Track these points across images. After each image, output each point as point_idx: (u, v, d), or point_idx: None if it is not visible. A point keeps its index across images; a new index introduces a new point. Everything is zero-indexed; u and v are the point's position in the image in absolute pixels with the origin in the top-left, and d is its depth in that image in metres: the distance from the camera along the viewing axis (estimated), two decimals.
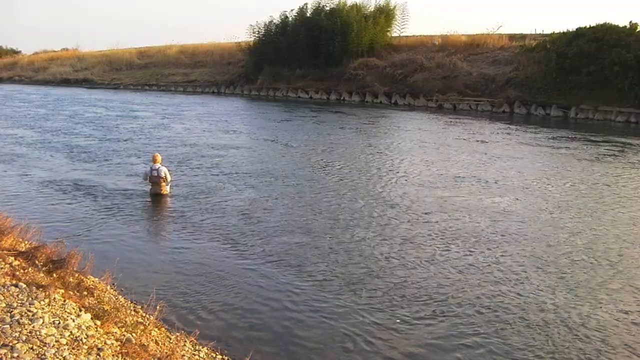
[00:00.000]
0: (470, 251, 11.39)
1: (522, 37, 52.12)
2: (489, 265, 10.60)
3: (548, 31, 50.53)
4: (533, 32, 53.62)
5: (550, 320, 8.29)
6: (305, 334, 7.75)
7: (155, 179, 15.17)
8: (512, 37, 52.96)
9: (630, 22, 41.58)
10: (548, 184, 17.99)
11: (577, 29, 43.44)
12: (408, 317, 8.32)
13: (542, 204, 15.41)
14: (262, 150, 24.19)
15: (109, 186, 16.35)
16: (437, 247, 11.50)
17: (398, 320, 8.20)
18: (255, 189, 16.46)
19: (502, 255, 11.10)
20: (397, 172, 19.49)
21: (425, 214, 14.02)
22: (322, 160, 21.64)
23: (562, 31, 45.68)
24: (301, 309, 8.51)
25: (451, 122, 36.60)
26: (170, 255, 10.82)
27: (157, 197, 15.16)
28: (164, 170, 15.22)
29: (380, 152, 23.80)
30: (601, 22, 42.66)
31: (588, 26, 42.94)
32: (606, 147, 25.91)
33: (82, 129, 30.17)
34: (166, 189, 15.34)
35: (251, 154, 22.83)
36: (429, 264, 10.52)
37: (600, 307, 8.83)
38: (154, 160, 15.34)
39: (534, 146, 26.19)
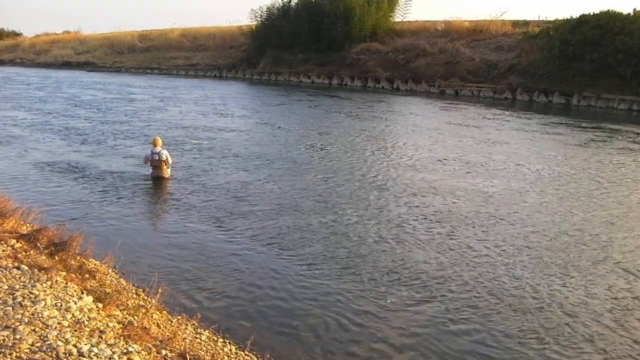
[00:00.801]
0: (457, 232, 11.51)
1: (526, 23, 51.96)
2: (475, 246, 10.72)
3: (551, 18, 50.41)
4: (536, 19, 53.51)
5: (539, 302, 8.33)
6: (306, 318, 7.76)
7: (156, 163, 15.16)
8: (515, 23, 52.79)
9: (634, 9, 41.62)
10: (538, 168, 18.25)
11: (580, 16, 43.34)
12: (406, 298, 8.34)
13: (527, 187, 15.63)
14: (259, 133, 24.20)
15: (110, 169, 16.34)
16: (429, 230, 11.53)
17: (393, 302, 8.22)
18: (255, 172, 16.44)
19: (488, 237, 11.19)
20: (389, 156, 19.71)
21: (413, 196, 14.12)
22: (318, 144, 21.64)
23: (565, 18, 45.54)
24: (302, 292, 8.51)
25: (451, 107, 36.67)
26: (171, 239, 10.83)
27: (158, 180, 15.15)
28: (165, 154, 15.21)
29: (374, 137, 23.81)
30: (605, 9, 42.56)
31: (591, 13, 42.85)
32: (605, 134, 26.14)
33: (81, 112, 30.18)
34: (167, 172, 15.34)
35: (249, 137, 22.80)
36: (425, 245, 10.54)
37: (590, 288, 8.89)
38: (155, 144, 15.32)
39: (529, 132, 26.37)
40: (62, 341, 5.20)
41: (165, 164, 15.26)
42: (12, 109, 30.94)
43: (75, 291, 6.66)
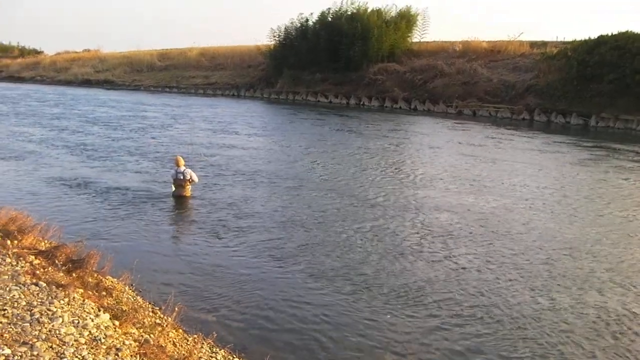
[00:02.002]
0: (457, 247, 11.75)
1: (544, 44, 51.88)
2: (471, 261, 10.83)
3: (569, 39, 50.27)
4: (554, 40, 53.37)
5: (528, 314, 8.29)
6: (323, 339, 7.75)
7: (180, 182, 15.27)
8: (533, 44, 52.73)
9: None
10: (541, 187, 18.39)
11: (598, 37, 43.18)
12: (421, 321, 8.32)
13: (529, 205, 15.85)
14: (278, 154, 24.23)
15: (128, 186, 16.44)
16: (436, 248, 11.64)
17: (409, 323, 8.19)
18: (274, 192, 16.47)
19: (487, 253, 11.15)
20: (396, 175, 19.87)
21: (419, 214, 14.20)
22: (329, 163, 21.76)
23: (583, 39, 45.38)
24: (320, 313, 8.50)
25: (466, 128, 36.64)
26: (189, 257, 10.85)
27: (179, 199, 15.23)
28: (189, 172, 15.31)
29: (387, 156, 23.91)
30: (623, 30, 42.43)
31: (610, 34, 42.66)
32: (621, 155, 25.85)
33: (96, 129, 30.54)
34: (189, 191, 15.42)
35: (268, 157, 22.87)
36: (433, 263, 10.52)
37: (585, 302, 8.90)
38: (177, 164, 15.42)
39: (545, 152, 26.25)
40: (79, 358, 5.23)
41: (189, 184, 15.34)
42: (29, 125, 31.44)
43: (93, 308, 6.69)
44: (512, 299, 9.30)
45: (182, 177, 15.21)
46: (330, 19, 60.66)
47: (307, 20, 62.52)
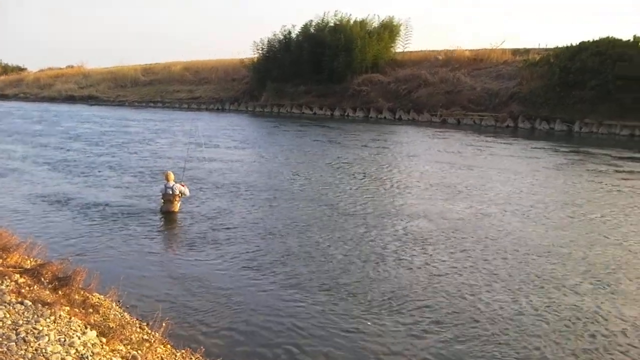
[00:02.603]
0: (433, 254, 11.79)
1: (526, 51, 52.32)
2: (443, 264, 10.75)
3: (552, 45, 50.71)
4: (536, 47, 53.86)
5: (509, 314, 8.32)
6: (311, 351, 7.74)
7: (169, 197, 15.18)
8: (515, 51, 53.19)
9: (635, 35, 41.62)
10: (516, 192, 18.83)
11: (580, 43, 43.60)
12: (413, 329, 8.33)
13: (502, 210, 16.05)
14: (259, 166, 24.29)
15: (113, 202, 16.37)
16: (413, 254, 11.68)
17: (397, 329, 8.20)
18: (257, 205, 16.47)
19: (463, 257, 11.20)
20: (376, 184, 20.16)
21: (402, 221, 14.18)
22: (314, 175, 21.78)
23: (565, 45, 45.79)
24: (307, 326, 8.49)
25: (448, 136, 36.90)
26: (176, 273, 10.82)
27: (167, 214, 15.14)
28: (177, 187, 15.26)
29: (363, 165, 24.13)
30: (604, 36, 42.81)
31: (591, 40, 43.03)
32: (596, 159, 26.14)
33: (78, 145, 30.52)
34: (177, 207, 15.34)
35: (249, 170, 22.93)
36: (411, 271, 10.55)
37: (561, 303, 8.94)
38: (167, 178, 15.33)
39: (520, 158, 26.60)
40: None
41: (177, 199, 15.29)
42: (11, 142, 31.37)
43: (79, 326, 6.66)
44: (493, 302, 9.40)
45: (170, 192, 15.13)
46: (313, 30, 60.85)
47: (289, 32, 62.84)
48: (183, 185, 15.59)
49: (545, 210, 16.26)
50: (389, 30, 59.47)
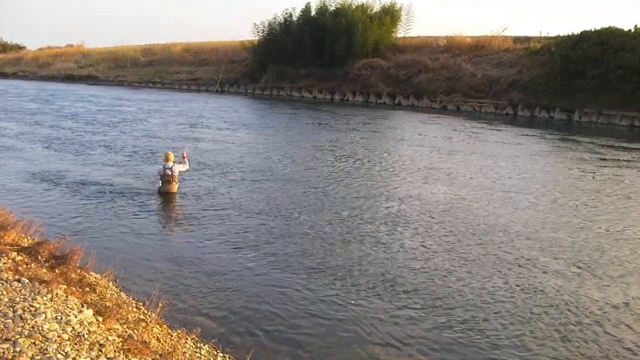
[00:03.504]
0: (429, 237, 11.62)
1: (527, 39, 52.16)
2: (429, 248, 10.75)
3: (553, 34, 50.57)
4: (538, 35, 53.69)
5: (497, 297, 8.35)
6: (306, 332, 7.76)
7: (168, 177, 15.16)
8: (516, 39, 53.02)
9: (636, 26, 41.51)
10: (499, 177, 19.07)
11: (581, 32, 43.48)
12: (420, 312, 8.35)
13: (486, 195, 16.07)
14: (254, 148, 24.27)
15: (112, 182, 16.35)
16: (397, 236, 11.65)
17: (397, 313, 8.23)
18: (255, 188, 16.48)
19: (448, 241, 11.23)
20: (362, 167, 20.37)
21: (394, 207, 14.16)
22: (309, 158, 21.83)
23: (567, 34, 45.67)
24: (302, 307, 8.51)
25: (441, 122, 36.86)
26: (172, 253, 10.83)
27: (165, 195, 15.12)
28: (177, 168, 15.26)
29: (353, 149, 24.09)
30: (606, 25, 42.67)
31: (593, 29, 42.91)
32: (581, 146, 26.12)
33: (76, 124, 30.53)
34: (175, 188, 15.33)
35: (250, 152, 22.92)
36: (396, 253, 10.58)
37: (545, 287, 8.93)
38: (167, 159, 15.31)
39: (509, 144, 26.53)
40: (62, 354, 5.20)
41: (176, 179, 15.28)
42: (5, 120, 31.62)
43: (76, 304, 6.66)
44: (482, 287, 9.45)
45: (169, 173, 15.12)
46: (314, 14, 60.65)
47: (291, 15, 62.56)
48: (184, 157, 15.69)
49: (531, 195, 16.54)
50: (390, 14, 59.24)
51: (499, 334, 7.90)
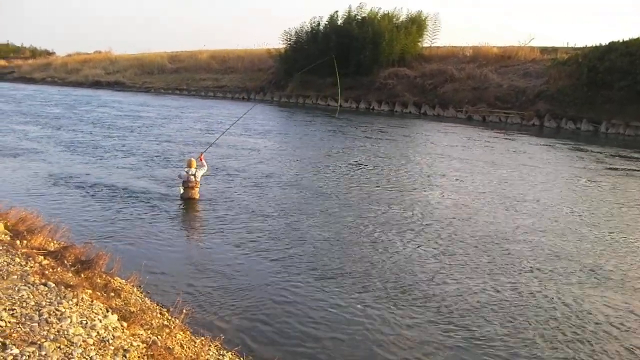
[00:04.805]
0: (422, 241, 11.56)
1: (554, 50, 51.80)
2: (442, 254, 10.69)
3: (580, 45, 50.23)
4: (565, 46, 53.34)
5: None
6: (330, 341, 7.75)
7: (190, 184, 15.25)
8: (543, 50, 52.66)
9: None
10: (500, 183, 18.78)
11: (609, 43, 43.08)
12: (433, 321, 8.32)
13: (490, 200, 15.79)
14: (281, 155, 24.35)
15: (139, 189, 16.47)
16: (407, 242, 11.57)
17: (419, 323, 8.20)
18: (283, 195, 16.52)
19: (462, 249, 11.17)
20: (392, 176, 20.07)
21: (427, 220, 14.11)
22: (337, 168, 21.78)
23: (594, 45, 45.31)
24: (327, 316, 8.50)
25: (476, 133, 36.68)
26: (196, 260, 10.87)
27: (188, 201, 15.21)
28: (200, 174, 15.37)
29: (386, 159, 23.97)
30: (634, 36, 42.29)
31: (621, 40, 42.55)
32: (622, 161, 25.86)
33: (107, 130, 30.65)
34: (197, 194, 15.40)
35: (273, 159, 22.96)
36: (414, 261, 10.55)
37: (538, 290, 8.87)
38: (189, 165, 15.41)
39: (539, 156, 26.23)
40: (87, 359, 5.23)
41: (198, 185, 15.36)
42: (28, 124, 32.06)
43: (101, 309, 6.71)
44: (493, 289, 9.35)
45: (192, 179, 15.21)
46: (340, 23, 60.69)
47: (318, 24, 62.62)
48: (201, 159, 15.78)
49: (531, 202, 16.75)
50: (417, 24, 59.13)
51: (511, 341, 7.85)
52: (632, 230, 14.34)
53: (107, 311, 6.74)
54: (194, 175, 15.24)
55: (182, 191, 15.39)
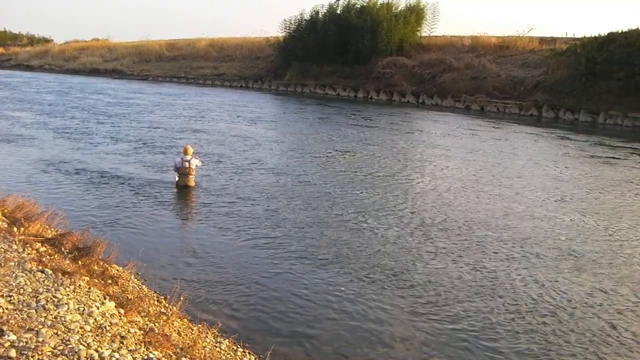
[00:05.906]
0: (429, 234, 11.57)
1: (553, 40, 51.77)
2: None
3: (579, 35, 50.17)
4: (564, 36, 53.31)
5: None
6: (327, 329, 7.76)
7: (185, 170, 15.21)
8: (542, 40, 52.61)
9: None
10: (478, 170, 19.04)
11: (608, 34, 43.08)
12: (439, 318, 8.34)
13: (465, 185, 15.88)
14: (277, 144, 24.42)
15: (134, 176, 16.46)
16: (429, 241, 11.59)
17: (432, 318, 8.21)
18: (280, 183, 16.51)
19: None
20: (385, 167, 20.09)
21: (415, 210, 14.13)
22: (330, 154, 21.78)
23: (593, 36, 45.26)
24: (325, 304, 8.51)
25: (473, 122, 36.64)
26: (194, 247, 10.87)
27: (184, 188, 15.19)
28: (195, 162, 15.33)
29: (382, 148, 24.00)
30: (633, 27, 42.24)
31: (620, 31, 42.50)
32: (620, 152, 25.88)
33: (104, 118, 30.58)
34: (193, 181, 15.40)
35: (268, 147, 22.99)
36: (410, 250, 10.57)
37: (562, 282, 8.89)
38: (185, 152, 15.38)
39: (537, 146, 26.25)
40: (84, 345, 5.23)
41: (193, 172, 15.34)
42: (22, 110, 32.30)
43: (98, 296, 6.71)
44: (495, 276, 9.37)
45: (187, 166, 15.17)
46: (339, 12, 60.62)
47: (317, 12, 62.51)
48: (196, 158, 15.72)
49: (510, 188, 16.78)
50: (415, 13, 59.11)
51: (518, 335, 7.88)
52: (611, 215, 14.65)
53: (105, 298, 6.75)
54: (189, 161, 15.21)
55: (177, 178, 15.39)
